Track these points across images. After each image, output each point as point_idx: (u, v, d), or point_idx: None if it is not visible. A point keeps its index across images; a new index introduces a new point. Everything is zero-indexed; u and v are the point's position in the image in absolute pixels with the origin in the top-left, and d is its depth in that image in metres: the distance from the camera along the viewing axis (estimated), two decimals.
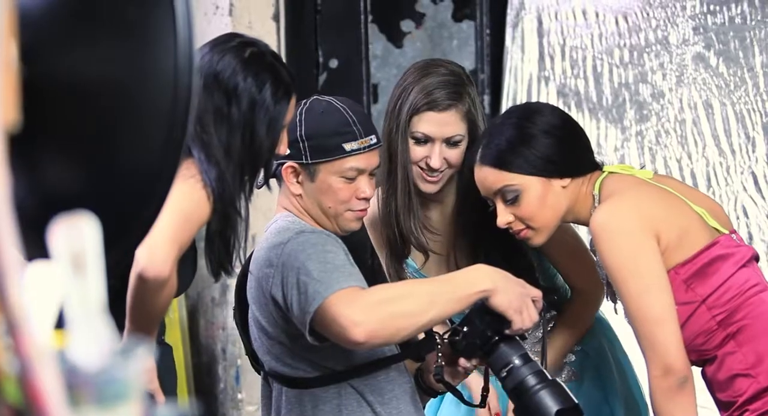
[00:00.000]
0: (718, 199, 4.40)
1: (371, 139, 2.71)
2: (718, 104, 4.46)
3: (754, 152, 4.40)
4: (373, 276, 2.96)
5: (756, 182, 4.38)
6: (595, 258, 2.82)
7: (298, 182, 2.72)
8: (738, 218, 4.40)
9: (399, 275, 3.11)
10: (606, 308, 3.39)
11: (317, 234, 2.61)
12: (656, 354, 2.63)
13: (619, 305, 2.79)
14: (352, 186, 2.70)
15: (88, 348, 0.89)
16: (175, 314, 4.56)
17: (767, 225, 4.35)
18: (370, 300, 2.45)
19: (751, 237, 4.37)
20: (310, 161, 2.69)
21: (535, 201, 2.75)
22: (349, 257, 2.59)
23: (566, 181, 2.77)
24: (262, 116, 2.72)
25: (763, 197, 4.37)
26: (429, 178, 3.02)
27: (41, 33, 1.12)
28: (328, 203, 2.70)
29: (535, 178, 2.75)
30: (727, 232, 2.77)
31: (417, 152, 3.02)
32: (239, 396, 4.72)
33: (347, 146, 2.68)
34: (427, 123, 3.00)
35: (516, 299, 2.51)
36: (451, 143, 3.00)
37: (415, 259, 3.14)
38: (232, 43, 2.79)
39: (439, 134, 3.00)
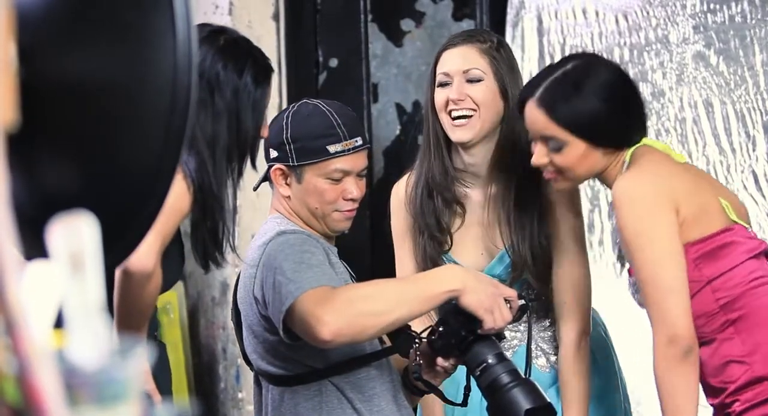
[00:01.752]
0: None
1: (356, 141, 2.74)
2: (718, 102, 4.46)
3: (754, 150, 4.39)
4: (372, 276, 2.96)
5: (756, 181, 4.38)
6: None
7: (286, 184, 2.76)
8: None
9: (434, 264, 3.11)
10: (599, 301, 3.38)
11: (297, 235, 2.65)
12: (664, 322, 2.64)
13: (623, 277, 2.79)
14: (339, 187, 2.73)
15: (87, 347, 0.89)
16: (176, 313, 4.56)
17: None
18: (338, 299, 2.47)
19: None
20: (296, 164, 2.74)
21: (576, 158, 2.78)
22: (330, 258, 2.62)
23: (610, 149, 2.78)
24: (246, 101, 2.76)
25: (764, 196, 4.36)
26: (456, 119, 3.04)
27: (40, 33, 1.12)
28: (315, 204, 2.74)
29: (583, 141, 2.76)
30: (744, 224, 2.79)
31: (440, 95, 3.05)
32: (240, 395, 4.72)
33: (331, 148, 2.72)
34: (445, 62, 3.06)
35: (486, 298, 2.51)
36: (471, 79, 3.03)
37: (455, 253, 3.15)
38: (203, 34, 2.81)
39: (455, 67, 3.04)
